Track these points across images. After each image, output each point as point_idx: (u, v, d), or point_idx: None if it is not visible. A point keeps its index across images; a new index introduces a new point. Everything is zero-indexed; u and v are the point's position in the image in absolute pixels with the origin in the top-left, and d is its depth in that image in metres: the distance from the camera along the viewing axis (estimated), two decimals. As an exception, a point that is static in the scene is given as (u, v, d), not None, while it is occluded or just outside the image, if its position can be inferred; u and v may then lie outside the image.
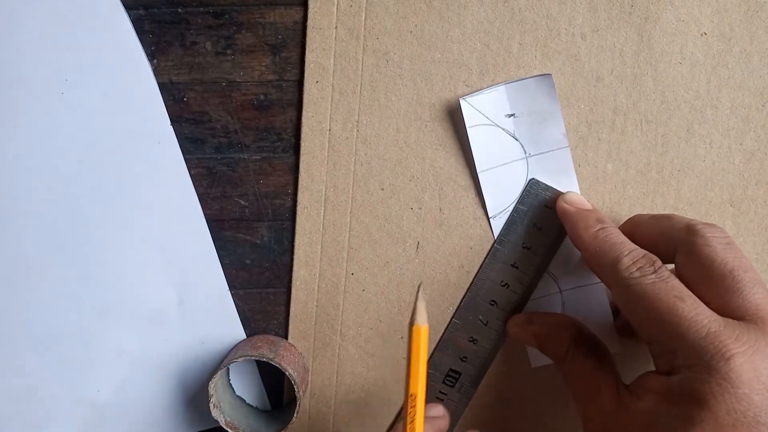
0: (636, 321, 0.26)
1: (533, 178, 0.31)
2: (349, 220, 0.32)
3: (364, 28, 0.30)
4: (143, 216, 0.32)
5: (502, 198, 0.32)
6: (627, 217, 0.32)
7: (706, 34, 0.31)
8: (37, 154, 0.31)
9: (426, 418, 0.25)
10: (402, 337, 0.34)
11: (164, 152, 0.31)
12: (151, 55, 0.31)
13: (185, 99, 0.31)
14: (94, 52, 0.30)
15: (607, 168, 0.32)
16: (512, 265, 0.32)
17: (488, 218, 0.32)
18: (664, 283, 0.25)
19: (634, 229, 0.30)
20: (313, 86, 0.31)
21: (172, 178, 0.32)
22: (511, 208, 0.32)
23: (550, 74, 0.31)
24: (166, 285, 0.33)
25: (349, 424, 0.35)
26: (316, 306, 0.33)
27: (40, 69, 0.30)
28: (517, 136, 0.31)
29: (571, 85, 0.31)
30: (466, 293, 0.33)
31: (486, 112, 0.31)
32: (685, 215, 0.31)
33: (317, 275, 0.33)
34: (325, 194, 0.32)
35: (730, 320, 0.24)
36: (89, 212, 0.32)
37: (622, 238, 0.28)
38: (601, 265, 0.28)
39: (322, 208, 0.32)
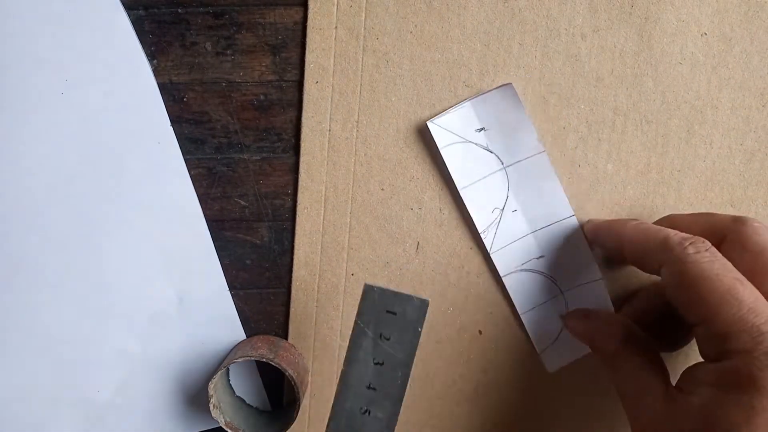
0: (687, 301, 0.25)
1: (366, 284, 0.27)
2: (349, 220, 0.32)
3: (364, 29, 0.30)
4: (143, 216, 0.32)
5: (488, 212, 0.32)
6: (627, 218, 0.32)
7: (706, 34, 0.31)
8: (37, 154, 0.31)
9: None
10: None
11: (164, 152, 0.31)
12: (151, 56, 0.31)
13: (185, 99, 0.31)
14: (94, 52, 0.30)
15: (607, 168, 0.32)
16: (368, 387, 0.28)
17: (479, 233, 0.32)
18: (722, 264, 0.24)
19: (671, 226, 0.29)
20: (313, 86, 0.31)
21: (172, 178, 0.32)
22: (499, 220, 0.32)
23: (510, 83, 0.30)
24: (166, 285, 0.33)
25: (349, 425, 0.35)
26: (316, 306, 0.33)
27: (40, 69, 0.30)
28: (491, 148, 0.31)
29: (571, 85, 0.31)
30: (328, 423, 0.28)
31: (455, 131, 0.30)
32: (686, 215, 0.31)
33: (317, 275, 0.33)
34: (325, 194, 0.32)
35: None
36: (89, 212, 0.32)
37: (662, 227, 0.28)
38: (648, 249, 0.27)
39: (322, 208, 0.32)
